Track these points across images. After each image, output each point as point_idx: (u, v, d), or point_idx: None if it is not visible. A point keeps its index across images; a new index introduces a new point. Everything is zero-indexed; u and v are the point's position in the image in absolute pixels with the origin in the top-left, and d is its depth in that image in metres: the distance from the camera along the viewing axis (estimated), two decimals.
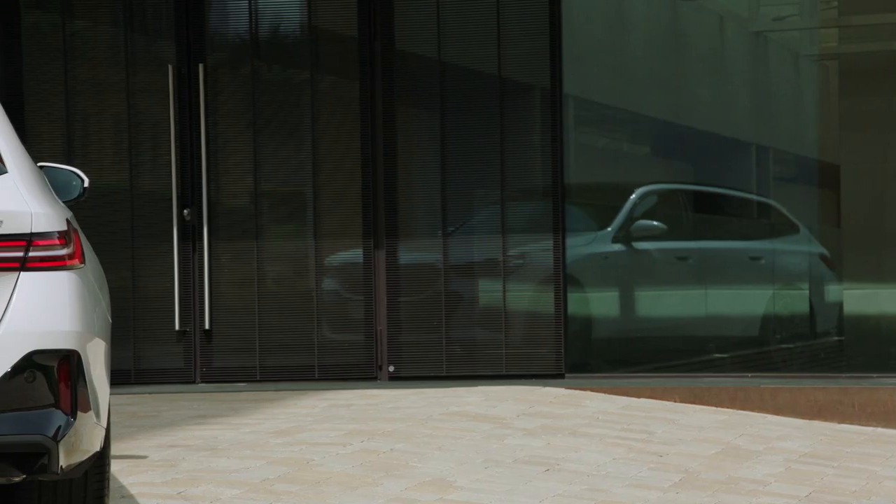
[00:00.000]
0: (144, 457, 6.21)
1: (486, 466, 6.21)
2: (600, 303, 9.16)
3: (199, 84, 8.75)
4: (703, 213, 9.53)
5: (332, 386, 8.53)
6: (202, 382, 8.75)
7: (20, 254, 4.19)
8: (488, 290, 8.84)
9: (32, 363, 4.21)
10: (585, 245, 9.07)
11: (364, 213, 8.80)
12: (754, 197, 9.44)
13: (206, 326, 8.75)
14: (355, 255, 8.85)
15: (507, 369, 8.69)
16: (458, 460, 6.28)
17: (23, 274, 4.24)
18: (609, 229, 9.12)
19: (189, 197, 8.77)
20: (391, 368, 8.75)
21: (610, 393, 8.12)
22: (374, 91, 8.78)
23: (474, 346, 8.79)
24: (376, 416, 7.30)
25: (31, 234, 4.21)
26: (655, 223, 9.15)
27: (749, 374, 8.61)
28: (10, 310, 4.20)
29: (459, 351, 8.78)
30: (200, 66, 8.76)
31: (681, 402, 8.07)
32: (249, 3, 8.86)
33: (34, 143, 8.59)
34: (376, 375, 8.76)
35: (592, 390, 8.18)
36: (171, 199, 8.76)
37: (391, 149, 8.81)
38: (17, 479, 4.21)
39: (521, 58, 8.84)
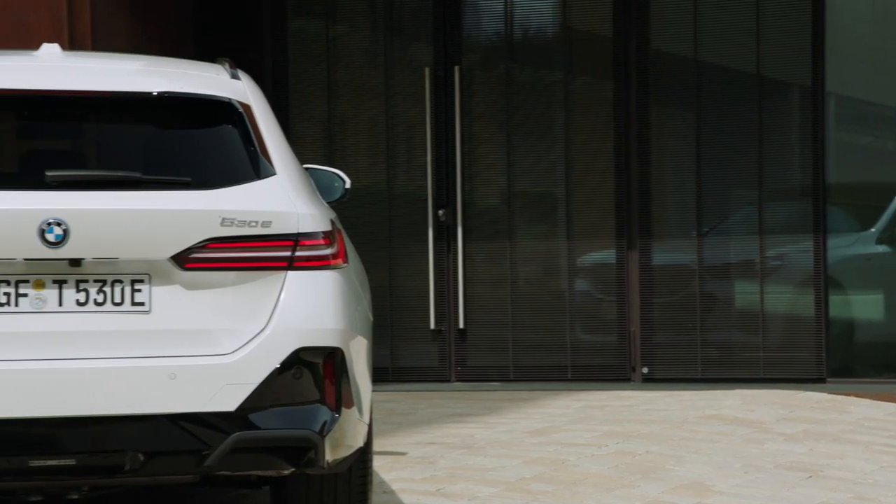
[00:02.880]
0: (404, 453, 6.30)
1: (746, 471, 6.07)
2: (863, 305, 8.86)
3: (454, 86, 8.84)
4: None
5: (584, 386, 8.50)
6: (457, 381, 8.83)
7: (287, 253, 4.29)
8: (745, 292, 8.66)
9: (299, 360, 4.30)
10: (847, 246, 8.79)
11: (617, 213, 8.74)
12: None
13: (461, 325, 8.84)
14: (608, 255, 8.80)
15: (765, 373, 8.50)
16: (716, 464, 6.17)
17: (289, 273, 4.33)
18: (873, 230, 8.81)
19: (444, 198, 8.87)
20: (645, 370, 8.66)
21: (875, 399, 7.85)
22: (628, 91, 8.71)
23: (730, 348, 8.63)
24: (631, 417, 7.24)
25: (298, 235, 4.30)
26: None
27: None
28: (277, 308, 4.30)
29: (715, 353, 8.62)
30: (456, 69, 8.85)
31: None
32: (504, 5, 8.91)
33: (298, 144, 8.82)
34: (629, 377, 8.69)
35: (856, 395, 7.92)
36: (426, 200, 8.88)
37: (644, 148, 8.72)
38: (286, 473, 4.32)
39: (780, 55, 8.63)
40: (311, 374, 4.32)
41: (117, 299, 4.12)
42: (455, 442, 6.59)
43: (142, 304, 4.14)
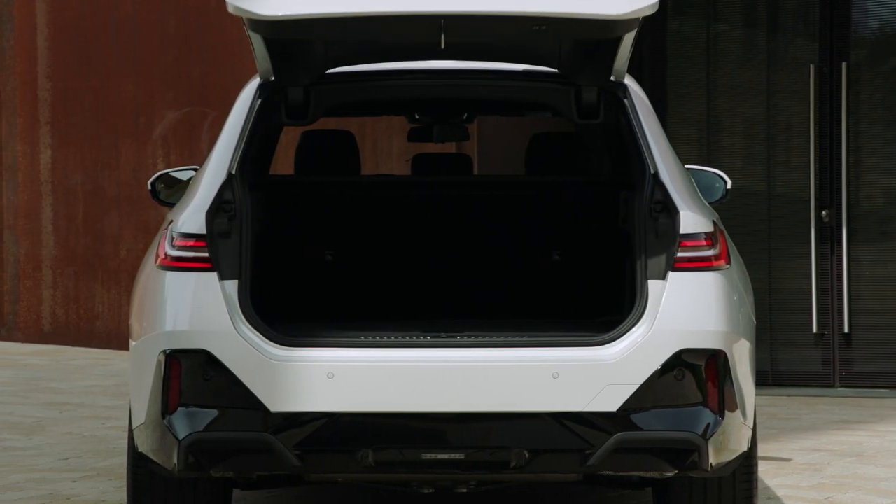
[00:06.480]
0: (788, 459, 6.17)
1: None
2: None
3: (840, 83, 8.56)
4: None
5: None
6: (841, 386, 8.57)
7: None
8: None
9: (681, 361, 4.30)
10: None
11: None
12: None
13: (845, 330, 8.57)
14: None
15: None
16: None
17: (671, 274, 4.34)
18: None
19: (827, 198, 8.63)
20: None
21: None
22: None
23: None
24: None
25: (679, 236, 4.30)
26: None
27: None
28: (660, 308, 4.30)
29: None
30: (843, 65, 8.56)
31: None
32: None
33: (675, 146, 8.75)
34: None
35: None
36: (808, 201, 8.66)
37: None
38: (668, 475, 4.31)
39: None
40: (694, 376, 4.30)
41: None
42: (843, 449, 6.40)
43: None
